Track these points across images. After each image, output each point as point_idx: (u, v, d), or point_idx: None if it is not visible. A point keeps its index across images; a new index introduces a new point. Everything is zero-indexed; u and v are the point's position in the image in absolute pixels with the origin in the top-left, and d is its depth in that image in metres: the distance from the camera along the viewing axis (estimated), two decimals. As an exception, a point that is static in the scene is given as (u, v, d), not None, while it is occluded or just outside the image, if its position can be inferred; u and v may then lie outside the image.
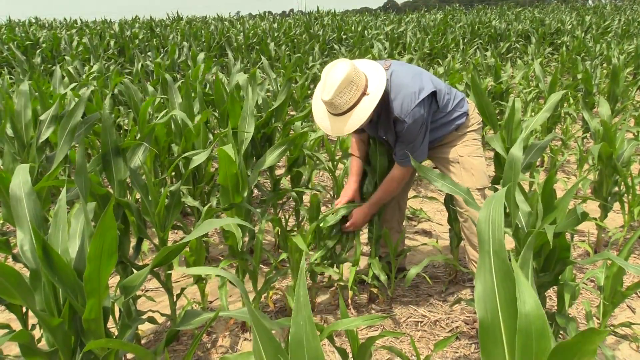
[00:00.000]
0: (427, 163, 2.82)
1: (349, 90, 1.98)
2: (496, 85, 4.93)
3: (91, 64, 7.84)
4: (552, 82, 4.56)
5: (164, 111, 2.73)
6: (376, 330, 2.28)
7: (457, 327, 2.31)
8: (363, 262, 2.83)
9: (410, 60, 6.66)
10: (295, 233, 2.57)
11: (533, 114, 4.63)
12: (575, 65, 6.42)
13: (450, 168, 2.32)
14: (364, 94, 2.02)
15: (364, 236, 3.03)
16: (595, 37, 11.26)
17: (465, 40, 10.99)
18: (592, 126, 3.12)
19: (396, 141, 2.21)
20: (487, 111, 2.54)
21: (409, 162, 2.17)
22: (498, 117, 3.40)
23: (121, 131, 4.05)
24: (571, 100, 5.22)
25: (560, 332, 1.73)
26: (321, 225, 2.30)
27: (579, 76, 5.53)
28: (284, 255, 2.33)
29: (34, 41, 10.53)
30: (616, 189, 2.91)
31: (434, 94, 2.14)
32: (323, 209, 3.32)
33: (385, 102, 2.10)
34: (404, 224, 2.68)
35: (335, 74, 1.98)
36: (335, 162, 3.60)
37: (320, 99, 2.09)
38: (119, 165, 2.07)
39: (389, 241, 2.41)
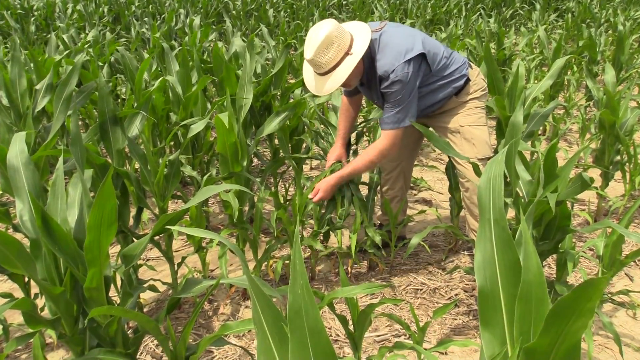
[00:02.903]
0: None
1: (330, 49, 1.98)
2: (499, 52, 4.85)
3: (86, 31, 7.70)
4: (556, 49, 4.49)
5: (160, 79, 2.69)
6: (376, 298, 2.31)
7: (456, 294, 2.34)
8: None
9: (411, 26, 6.54)
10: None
11: (536, 81, 4.57)
12: (580, 32, 6.30)
13: (451, 137, 2.28)
14: (347, 53, 2.01)
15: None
16: (601, 3, 11.02)
17: (469, 6, 10.75)
18: (595, 94, 3.09)
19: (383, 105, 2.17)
20: (494, 78, 2.50)
21: (393, 126, 2.12)
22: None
23: (119, 100, 4.01)
24: (575, 68, 5.15)
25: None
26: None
27: (583, 43, 5.44)
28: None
29: (28, 9, 10.32)
30: (618, 157, 2.90)
31: (423, 56, 2.08)
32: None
33: (372, 62, 2.08)
34: (404, 193, 2.67)
35: (318, 33, 1.98)
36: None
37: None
38: (117, 135, 2.05)
39: (389, 210, 2.42)
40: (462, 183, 2.31)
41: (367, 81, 2.18)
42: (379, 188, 2.63)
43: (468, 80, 2.24)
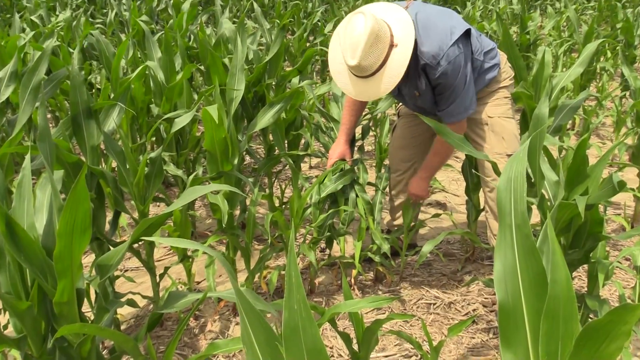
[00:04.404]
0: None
1: (376, 47, 1.89)
2: (522, 36, 4.85)
3: (57, 12, 7.70)
4: (587, 33, 4.49)
5: (141, 66, 2.69)
6: (383, 313, 2.31)
7: (473, 310, 2.34)
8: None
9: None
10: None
11: (564, 69, 4.57)
12: (615, 14, 6.30)
13: (477, 131, 2.28)
14: (391, 46, 1.93)
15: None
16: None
17: (489, -16, 10.77)
18: (632, 83, 3.08)
19: (434, 97, 2.14)
20: (516, 65, 2.51)
21: (461, 117, 2.13)
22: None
23: (93, 90, 4.01)
24: (609, 54, 5.14)
25: (590, 315, 1.75)
26: (318, 195, 2.31)
27: (619, 26, 5.43)
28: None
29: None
30: (658, 155, 2.89)
31: (467, 34, 2.06)
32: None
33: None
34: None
35: (356, 32, 1.89)
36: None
37: (339, 62, 2.02)
38: (91, 129, 2.05)
39: (406, 214, 2.42)
40: (486, 182, 2.30)
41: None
42: (387, 190, 2.63)
43: (499, 67, 2.25)
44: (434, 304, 2.39)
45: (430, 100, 2.17)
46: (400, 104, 2.58)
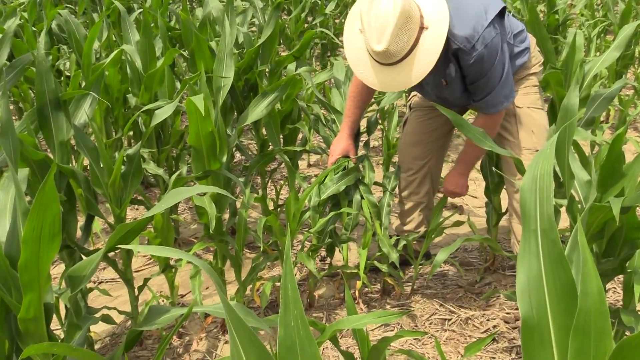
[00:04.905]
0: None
1: (406, 30, 1.87)
2: (549, 16, 4.85)
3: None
4: (624, 12, 4.49)
5: (116, 50, 2.70)
6: (392, 330, 2.32)
7: (494, 326, 2.35)
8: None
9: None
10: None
11: (598, 53, 4.57)
12: (656, -11, 6.30)
13: (503, 123, 2.28)
14: (422, 28, 1.92)
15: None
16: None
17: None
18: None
19: (463, 86, 2.14)
20: (544, 49, 2.51)
21: (502, 106, 2.13)
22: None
23: (62, 78, 4.01)
24: (648, 36, 5.15)
25: (626, 332, 1.75)
26: (318, 198, 2.31)
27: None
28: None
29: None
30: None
31: (502, 13, 2.04)
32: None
33: None
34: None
35: (383, 11, 1.85)
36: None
37: (359, 47, 2.01)
38: (60, 123, 2.05)
39: (436, 216, 2.43)
40: (511, 182, 2.30)
41: None
42: (396, 191, 2.63)
43: (529, 51, 2.26)
44: (449, 319, 2.39)
45: (458, 90, 2.16)
46: (413, 94, 2.58)
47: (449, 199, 3.13)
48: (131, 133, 3.26)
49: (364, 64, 2.04)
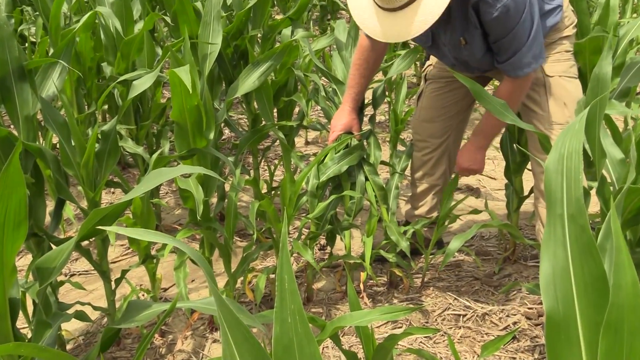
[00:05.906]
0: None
1: None
2: (580, -27, 4.81)
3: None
4: (662, -32, 4.45)
5: (89, 13, 2.67)
6: (400, 327, 2.33)
7: (514, 323, 2.36)
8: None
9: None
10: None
11: (635, 15, 4.54)
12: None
13: (530, 94, 2.26)
14: None
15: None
16: None
17: None
18: None
19: (485, 45, 2.11)
20: (576, 8, 2.48)
21: (530, 69, 2.10)
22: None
23: (26, 44, 3.99)
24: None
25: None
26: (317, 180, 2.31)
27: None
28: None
29: None
30: None
31: None
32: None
33: None
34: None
35: None
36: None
37: None
38: (25, 95, 2.04)
39: (447, 201, 2.42)
40: (537, 162, 2.29)
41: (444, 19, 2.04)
42: (407, 171, 2.63)
43: (561, 10, 2.22)
44: (464, 315, 2.40)
45: (480, 50, 2.14)
46: (428, 64, 2.56)
47: (463, 179, 3.12)
48: (106, 107, 3.25)
49: (366, 11, 2.03)
